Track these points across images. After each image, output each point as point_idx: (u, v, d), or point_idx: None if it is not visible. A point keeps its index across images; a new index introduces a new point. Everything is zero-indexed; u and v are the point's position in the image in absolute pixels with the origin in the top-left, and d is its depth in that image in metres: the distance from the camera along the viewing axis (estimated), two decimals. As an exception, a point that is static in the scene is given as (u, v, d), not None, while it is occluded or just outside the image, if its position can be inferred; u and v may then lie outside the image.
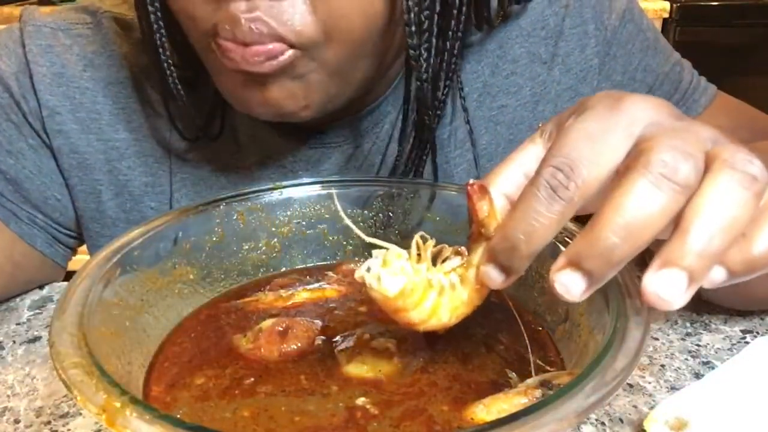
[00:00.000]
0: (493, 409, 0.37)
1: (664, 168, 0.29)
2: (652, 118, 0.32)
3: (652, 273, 0.29)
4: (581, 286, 0.31)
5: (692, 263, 0.28)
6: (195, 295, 0.49)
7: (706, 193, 0.29)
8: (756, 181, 0.29)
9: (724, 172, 0.29)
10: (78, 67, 0.64)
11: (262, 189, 0.53)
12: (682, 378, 0.52)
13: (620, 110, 0.32)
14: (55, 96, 0.64)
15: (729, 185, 0.29)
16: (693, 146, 0.30)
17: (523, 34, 0.66)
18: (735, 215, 0.28)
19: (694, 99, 0.68)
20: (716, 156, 0.30)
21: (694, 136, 0.30)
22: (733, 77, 2.36)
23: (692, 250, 0.28)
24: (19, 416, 0.49)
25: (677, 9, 2.41)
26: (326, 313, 0.48)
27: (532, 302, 0.48)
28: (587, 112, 0.32)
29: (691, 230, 0.28)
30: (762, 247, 0.29)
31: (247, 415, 0.38)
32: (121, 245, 0.44)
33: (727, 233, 0.28)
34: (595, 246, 0.29)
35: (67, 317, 0.37)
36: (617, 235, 0.29)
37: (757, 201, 0.29)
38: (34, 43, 0.64)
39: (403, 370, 0.41)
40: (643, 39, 0.68)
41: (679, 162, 0.29)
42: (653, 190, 0.28)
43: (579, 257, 0.30)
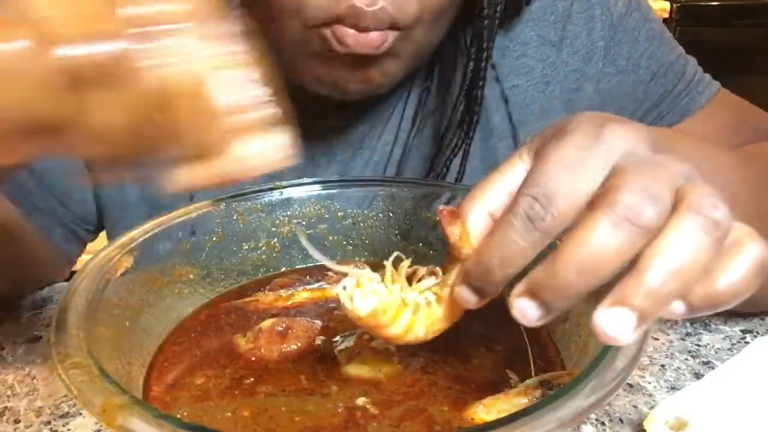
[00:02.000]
0: (493, 409, 0.37)
1: (628, 211, 0.29)
2: (629, 149, 0.32)
3: (603, 310, 0.29)
4: (537, 314, 0.31)
5: (642, 304, 0.29)
6: (195, 295, 0.49)
7: (666, 237, 0.29)
8: (718, 227, 0.29)
9: (688, 216, 0.29)
10: None
11: (262, 189, 0.53)
12: (682, 378, 0.52)
13: (599, 140, 0.32)
14: None
15: (690, 230, 0.29)
16: (662, 185, 0.30)
17: (533, 18, 0.67)
18: (692, 260, 0.29)
19: (698, 91, 0.69)
20: (683, 197, 0.30)
21: (667, 172, 0.31)
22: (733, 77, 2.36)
23: (644, 291, 0.29)
24: (19, 416, 0.49)
25: (677, 9, 2.41)
26: (326, 313, 0.48)
27: (532, 302, 0.48)
28: (567, 138, 0.33)
29: (646, 272, 0.29)
30: (723, 286, 0.30)
31: (247, 415, 0.38)
32: (121, 246, 0.44)
33: (681, 277, 0.29)
34: (552, 279, 0.30)
35: (67, 317, 0.37)
36: (574, 271, 0.29)
37: (717, 246, 0.29)
38: None
39: (403, 370, 0.41)
40: (649, 29, 0.69)
41: (644, 206, 0.29)
42: (614, 231, 0.29)
43: (537, 287, 0.31)
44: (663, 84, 0.69)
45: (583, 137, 0.33)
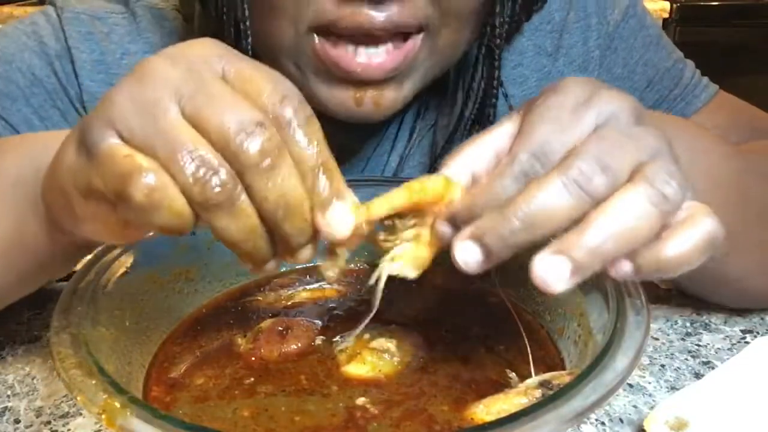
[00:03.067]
0: (493, 409, 0.37)
1: (580, 175, 0.31)
2: (614, 113, 0.34)
3: (542, 256, 0.31)
4: (477, 258, 0.32)
5: (579, 257, 0.30)
6: (195, 295, 0.49)
7: (614, 200, 0.31)
8: (666, 201, 0.31)
9: (639, 186, 0.31)
10: (116, 54, 0.65)
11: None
12: (682, 378, 0.52)
13: (589, 105, 0.34)
14: (95, 82, 0.64)
15: (638, 198, 0.31)
16: (622, 156, 0.32)
17: (530, 28, 0.68)
18: (634, 226, 0.30)
19: (694, 95, 0.69)
20: (641, 170, 0.32)
21: (634, 145, 0.32)
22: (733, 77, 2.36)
23: (583, 246, 0.30)
24: (19, 416, 0.49)
25: (677, 9, 2.41)
26: (326, 313, 0.48)
27: (532, 302, 0.48)
28: (561, 97, 0.35)
29: (589, 229, 0.30)
30: (671, 253, 0.31)
31: (247, 415, 0.38)
32: (121, 246, 0.44)
33: (621, 241, 0.30)
34: (498, 224, 0.32)
35: (67, 317, 0.37)
36: (520, 221, 0.31)
37: (663, 218, 0.31)
38: (74, 29, 0.64)
39: (403, 370, 0.41)
40: (646, 35, 0.70)
41: (594, 173, 0.31)
42: (563, 191, 0.31)
43: (482, 231, 0.32)
44: (659, 90, 0.69)
45: (574, 98, 0.35)
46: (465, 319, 0.47)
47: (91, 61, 0.64)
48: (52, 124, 0.64)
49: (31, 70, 0.63)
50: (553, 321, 0.46)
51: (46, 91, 0.64)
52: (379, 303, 0.37)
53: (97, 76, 0.64)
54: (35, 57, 0.64)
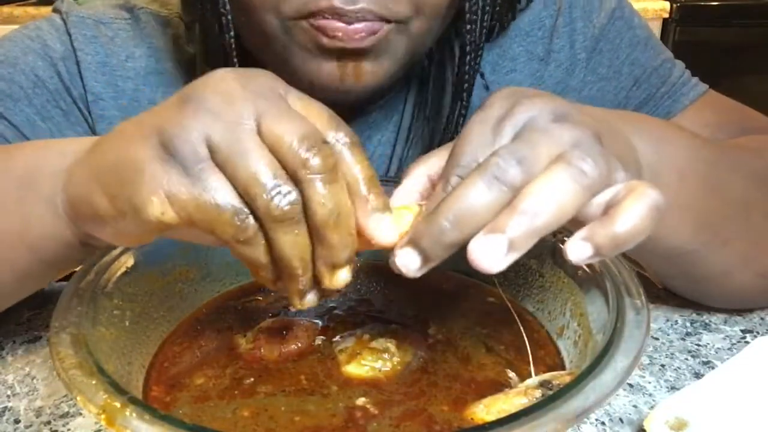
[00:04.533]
0: (493, 409, 0.37)
1: (497, 170, 0.33)
2: (531, 119, 0.37)
3: (478, 236, 0.33)
4: (417, 263, 0.34)
5: (513, 234, 0.32)
6: (195, 295, 0.49)
7: (537, 180, 0.33)
8: (584, 175, 0.33)
9: (558, 165, 0.33)
10: (120, 57, 0.66)
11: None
12: (682, 378, 0.52)
13: (507, 118, 0.37)
14: (99, 83, 0.66)
15: (558, 176, 0.33)
16: (536, 150, 0.34)
17: (522, 34, 0.69)
18: (559, 200, 0.33)
19: (681, 93, 0.69)
20: (560, 155, 0.34)
21: (549, 139, 0.35)
22: (733, 77, 2.36)
23: (516, 223, 0.32)
24: (19, 416, 0.49)
25: (677, 9, 2.41)
26: (326, 313, 0.48)
27: (532, 302, 0.48)
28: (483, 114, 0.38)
29: (518, 207, 0.32)
30: (623, 227, 0.33)
31: (247, 415, 0.38)
32: (121, 246, 0.44)
33: (549, 214, 0.32)
34: (430, 228, 0.34)
35: (67, 317, 0.37)
36: (449, 222, 0.33)
37: (586, 192, 0.33)
38: (79, 32, 0.66)
39: (403, 370, 0.41)
40: (633, 35, 0.70)
41: (510, 166, 0.33)
42: (484, 188, 0.33)
43: (417, 236, 0.34)
44: (646, 88, 0.69)
45: (497, 113, 0.38)
46: (465, 319, 0.47)
47: (96, 63, 0.66)
48: (54, 124, 0.65)
49: (35, 71, 0.64)
50: (553, 321, 0.46)
51: (49, 92, 0.65)
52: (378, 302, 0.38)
53: (101, 78, 0.66)
54: (39, 59, 0.65)
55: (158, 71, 0.67)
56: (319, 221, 0.34)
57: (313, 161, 0.33)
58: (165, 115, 0.35)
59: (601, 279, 0.41)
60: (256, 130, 0.34)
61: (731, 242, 0.53)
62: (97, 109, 0.66)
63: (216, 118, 0.34)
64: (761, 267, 0.56)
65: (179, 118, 0.34)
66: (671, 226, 0.49)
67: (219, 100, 0.34)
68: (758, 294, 0.58)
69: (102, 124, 0.66)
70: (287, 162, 0.34)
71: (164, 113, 0.36)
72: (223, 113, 0.34)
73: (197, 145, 0.34)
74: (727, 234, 0.52)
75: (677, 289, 0.61)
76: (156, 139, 0.35)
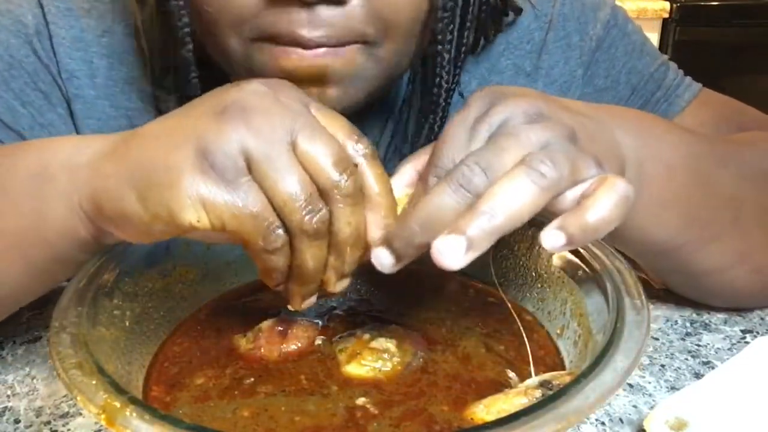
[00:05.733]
0: (493, 409, 0.37)
1: (462, 179, 0.36)
2: (505, 120, 0.39)
3: (441, 237, 0.34)
4: (389, 261, 0.37)
5: (472, 233, 0.34)
6: (195, 295, 0.49)
7: (498, 183, 0.35)
8: (543, 177, 0.35)
9: (518, 169, 0.35)
10: (96, 31, 0.63)
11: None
12: (682, 378, 0.52)
13: (483, 119, 0.39)
14: (73, 60, 0.62)
15: (517, 178, 0.35)
16: (502, 157, 0.36)
17: (510, 48, 0.67)
18: (516, 201, 0.34)
19: (677, 95, 0.69)
20: (523, 159, 0.36)
21: (518, 143, 0.37)
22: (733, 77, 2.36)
23: (474, 224, 0.34)
24: (19, 416, 0.49)
25: (677, 9, 2.41)
26: (326, 313, 0.48)
27: (532, 302, 0.48)
28: (461, 115, 0.40)
29: (478, 208, 0.34)
30: (594, 216, 0.34)
31: (247, 415, 0.38)
32: (121, 245, 0.44)
33: (506, 215, 0.34)
34: (401, 231, 0.37)
35: (67, 317, 0.37)
36: (418, 225, 0.36)
37: (544, 192, 0.35)
38: (52, 4, 0.62)
39: (403, 370, 0.41)
40: (628, 42, 0.69)
41: (474, 174, 0.36)
42: (450, 195, 0.36)
43: (391, 237, 0.37)
44: (643, 94, 0.69)
45: (474, 114, 0.40)
46: (465, 319, 0.47)
47: (70, 37, 0.62)
48: (35, 108, 0.62)
49: (9, 51, 0.61)
50: (553, 321, 0.46)
51: (27, 73, 0.61)
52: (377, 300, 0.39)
53: (75, 54, 0.62)
54: (12, 36, 0.61)
55: (135, 50, 0.63)
56: (342, 239, 0.38)
57: (345, 185, 0.37)
58: (203, 124, 0.37)
59: (601, 279, 0.41)
60: (292, 147, 0.36)
61: (723, 237, 0.53)
62: (72, 88, 0.62)
63: (255, 133, 0.36)
64: (755, 263, 0.56)
65: (218, 129, 0.36)
66: (659, 219, 0.49)
67: (258, 113, 0.36)
68: (755, 291, 0.58)
69: (77, 104, 0.63)
70: (320, 180, 0.36)
71: (202, 121, 0.37)
72: (262, 129, 0.36)
73: (236, 158, 0.35)
74: (718, 229, 0.52)
75: (675, 286, 0.61)
76: (194, 148, 0.36)
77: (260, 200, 0.36)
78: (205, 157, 0.36)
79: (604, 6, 0.69)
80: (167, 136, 0.38)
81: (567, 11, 0.67)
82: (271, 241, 0.36)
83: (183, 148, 0.36)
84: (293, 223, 0.36)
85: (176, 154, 0.36)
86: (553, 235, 0.35)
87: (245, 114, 0.36)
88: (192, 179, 0.35)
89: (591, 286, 0.42)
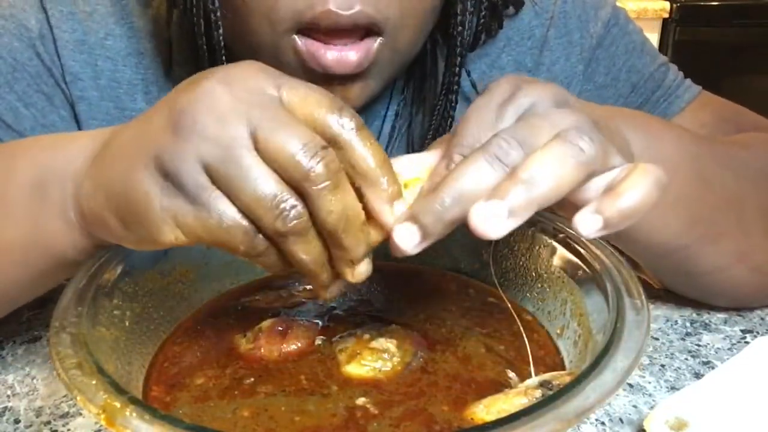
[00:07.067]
0: (493, 409, 0.37)
1: (499, 151, 0.34)
2: (533, 104, 0.39)
3: (479, 203, 0.33)
4: (416, 239, 0.35)
5: (513, 200, 0.33)
6: (195, 295, 0.49)
7: (537, 153, 0.34)
8: (582, 152, 0.34)
9: (556, 142, 0.34)
10: (99, 34, 0.63)
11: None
12: (682, 378, 0.52)
13: (509, 102, 0.39)
14: (77, 62, 0.63)
15: (556, 149, 0.34)
16: (537, 134, 0.35)
17: (511, 44, 0.68)
18: (556, 173, 0.34)
19: (677, 95, 0.69)
20: (558, 134, 0.35)
21: (550, 123, 0.36)
22: (733, 77, 2.37)
23: (515, 190, 0.33)
24: (19, 416, 0.49)
25: (677, 9, 2.41)
26: (326, 313, 0.48)
27: (532, 302, 0.48)
28: (486, 98, 0.39)
29: (518, 175, 0.33)
30: (630, 199, 0.34)
31: (247, 415, 0.38)
32: (121, 246, 0.44)
33: (547, 185, 0.33)
34: (431, 204, 0.34)
35: (67, 317, 0.37)
36: (449, 197, 0.34)
37: (583, 167, 0.34)
38: (55, 8, 0.62)
39: (403, 370, 0.41)
40: (629, 41, 0.70)
41: (512, 147, 0.35)
42: (485, 166, 0.34)
43: (418, 212, 0.35)
44: (642, 93, 0.69)
45: (499, 98, 0.39)
46: (465, 319, 0.47)
47: (74, 41, 0.62)
48: (37, 110, 0.62)
49: (12, 54, 0.61)
50: (553, 321, 0.46)
51: (30, 76, 0.62)
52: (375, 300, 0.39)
53: (79, 57, 0.63)
54: (15, 40, 0.61)
55: (138, 52, 0.64)
56: (330, 228, 0.35)
57: (315, 171, 0.33)
58: (160, 140, 0.35)
59: (601, 279, 0.41)
60: (252, 146, 0.34)
61: (724, 237, 0.53)
62: (76, 90, 0.63)
63: (210, 143, 0.34)
64: (755, 262, 0.56)
65: (174, 145, 0.35)
66: (663, 220, 0.49)
67: (210, 120, 0.34)
68: (755, 290, 0.58)
69: (82, 105, 0.63)
70: (289, 174, 0.34)
71: (158, 136, 0.36)
72: (217, 135, 0.34)
73: (196, 174, 0.34)
74: (720, 229, 0.53)
75: (674, 286, 0.61)
76: (155, 168, 0.35)
77: (229, 212, 0.34)
78: (167, 176, 0.35)
79: (605, 5, 0.69)
80: (130, 151, 0.37)
81: (568, 8, 0.68)
82: (252, 247, 0.35)
83: (146, 169, 0.36)
84: (267, 228, 0.34)
85: (141, 175, 0.36)
86: (590, 219, 0.34)
87: (197, 124, 0.34)
88: (159, 201, 0.35)
89: (591, 286, 0.42)
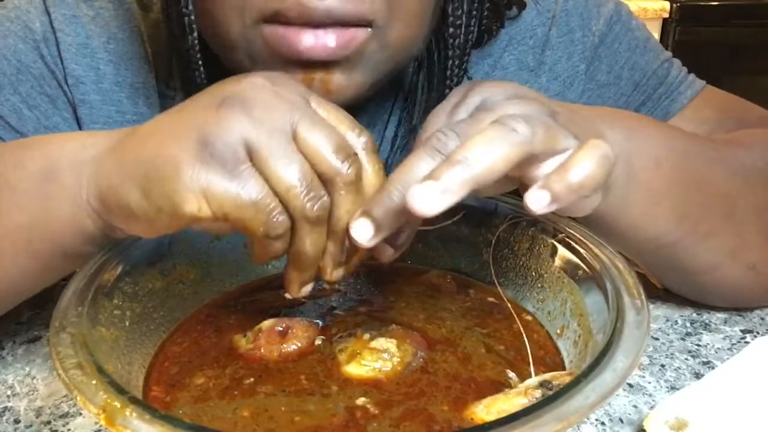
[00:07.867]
0: (493, 409, 0.37)
1: (438, 143, 0.37)
2: (485, 101, 0.41)
3: (416, 185, 0.34)
4: (370, 232, 0.37)
5: (447, 179, 0.34)
6: (195, 295, 0.49)
7: (470, 139, 0.36)
8: (514, 133, 0.35)
9: (490, 126, 0.36)
10: (102, 38, 0.64)
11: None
12: (682, 378, 0.52)
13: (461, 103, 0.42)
14: (80, 65, 0.63)
15: (488, 134, 0.35)
16: (477, 125, 0.38)
17: (513, 44, 0.67)
18: (489, 151, 0.35)
19: (679, 92, 0.69)
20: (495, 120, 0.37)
21: (495, 113, 0.38)
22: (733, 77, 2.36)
23: (448, 171, 0.34)
24: (19, 416, 0.49)
25: (677, 9, 2.41)
26: (326, 313, 0.48)
27: (532, 302, 0.48)
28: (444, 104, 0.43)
29: (451, 159, 0.35)
30: (576, 173, 0.35)
31: (247, 415, 0.38)
32: (121, 245, 0.44)
33: (480, 163, 0.35)
34: (380, 198, 0.37)
35: (67, 317, 0.37)
36: (397, 190, 0.36)
37: (515, 147, 0.35)
38: (59, 11, 0.63)
39: (403, 370, 0.41)
40: (631, 38, 0.69)
41: (449, 139, 0.37)
42: (426, 158, 0.37)
43: (370, 207, 0.37)
44: (645, 90, 0.69)
45: (454, 100, 0.43)
46: (465, 319, 0.47)
47: (77, 44, 0.63)
48: (41, 112, 0.62)
49: (17, 56, 0.62)
50: (553, 321, 0.46)
51: (34, 77, 0.62)
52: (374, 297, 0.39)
53: (82, 60, 0.63)
54: (20, 42, 0.62)
55: (140, 55, 0.64)
56: (342, 227, 0.38)
57: (346, 172, 0.37)
58: (203, 116, 0.37)
59: (600, 279, 0.41)
60: (292, 137, 0.37)
61: (716, 234, 0.53)
62: (78, 93, 0.63)
63: (255, 123, 0.36)
64: (749, 260, 0.56)
65: (219, 119, 0.36)
66: (651, 214, 0.49)
67: (258, 105, 0.37)
68: (751, 288, 0.58)
69: (83, 109, 0.63)
70: (321, 168, 0.37)
71: (202, 113, 0.37)
72: (262, 119, 0.36)
73: (236, 147, 0.36)
74: (710, 226, 0.52)
75: (672, 285, 0.61)
76: (195, 139, 0.36)
77: (261, 187, 0.36)
78: (205, 147, 0.36)
79: (607, 2, 0.69)
80: (167, 129, 0.38)
81: (570, 7, 0.68)
82: (273, 228, 0.37)
83: (183, 140, 0.36)
84: (295, 209, 0.36)
85: (176, 146, 0.36)
86: (537, 194, 0.35)
87: (245, 105, 0.37)
88: (192, 169, 0.36)
89: (591, 286, 0.42)
